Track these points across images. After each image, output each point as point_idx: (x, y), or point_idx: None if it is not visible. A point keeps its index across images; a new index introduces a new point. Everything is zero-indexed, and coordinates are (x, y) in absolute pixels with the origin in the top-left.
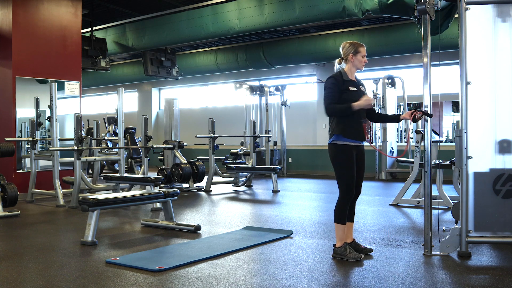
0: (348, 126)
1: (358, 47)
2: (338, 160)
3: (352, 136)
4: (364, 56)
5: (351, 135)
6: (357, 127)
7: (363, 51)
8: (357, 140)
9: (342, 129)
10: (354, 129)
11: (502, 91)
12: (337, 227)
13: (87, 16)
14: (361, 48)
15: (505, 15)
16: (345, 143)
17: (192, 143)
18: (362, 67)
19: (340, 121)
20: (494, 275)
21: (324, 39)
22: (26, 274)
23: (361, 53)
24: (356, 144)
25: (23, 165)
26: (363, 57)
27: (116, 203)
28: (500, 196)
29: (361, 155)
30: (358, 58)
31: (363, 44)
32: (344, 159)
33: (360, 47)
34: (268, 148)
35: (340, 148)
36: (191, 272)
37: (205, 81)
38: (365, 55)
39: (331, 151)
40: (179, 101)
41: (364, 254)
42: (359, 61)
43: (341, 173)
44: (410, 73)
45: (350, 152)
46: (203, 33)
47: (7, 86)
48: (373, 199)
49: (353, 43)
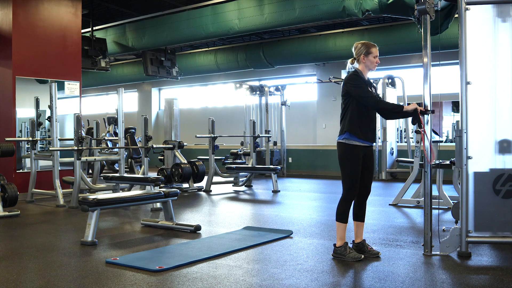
0: (362, 126)
1: (370, 48)
2: (346, 159)
3: (364, 137)
4: (376, 57)
5: (363, 136)
6: (371, 128)
7: (375, 51)
8: (367, 141)
9: (355, 129)
10: (367, 129)
11: (502, 91)
12: (338, 225)
13: (87, 16)
14: (373, 49)
15: (505, 15)
16: (354, 143)
17: (192, 143)
18: (374, 67)
19: (355, 120)
20: (494, 275)
21: (324, 39)
22: (26, 274)
23: (373, 54)
24: (365, 145)
25: (23, 165)
26: (375, 57)
27: (116, 203)
28: (500, 196)
29: (370, 156)
30: (370, 58)
31: (375, 44)
32: (351, 158)
33: (372, 47)
34: (268, 148)
35: (349, 147)
36: (191, 272)
37: (205, 81)
38: (377, 56)
39: (340, 149)
40: (179, 101)
41: (371, 256)
42: (371, 61)
43: (347, 171)
44: (410, 73)
45: (358, 152)
46: (203, 33)
47: (7, 86)
48: (373, 199)
49: (365, 43)
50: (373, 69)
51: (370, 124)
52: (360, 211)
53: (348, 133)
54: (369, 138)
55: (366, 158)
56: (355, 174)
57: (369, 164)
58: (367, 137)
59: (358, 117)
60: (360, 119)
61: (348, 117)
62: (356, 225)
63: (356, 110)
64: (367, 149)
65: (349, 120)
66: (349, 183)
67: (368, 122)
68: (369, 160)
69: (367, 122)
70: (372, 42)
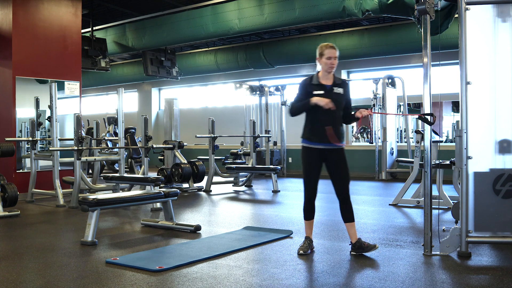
0: (311, 130)
1: (323, 50)
2: (302, 161)
3: (314, 139)
4: (330, 58)
5: (314, 139)
6: (319, 131)
7: (328, 53)
8: (322, 143)
9: (305, 132)
10: (316, 133)
11: (502, 91)
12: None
13: (87, 16)
14: (326, 50)
15: (505, 15)
16: (310, 146)
17: (192, 143)
18: (330, 69)
19: (305, 125)
20: (494, 275)
21: (324, 39)
22: (26, 274)
23: (325, 56)
24: (323, 148)
25: (23, 165)
26: (328, 59)
27: (116, 203)
28: (500, 196)
29: (335, 158)
30: (324, 60)
31: (331, 45)
32: (304, 160)
33: (325, 49)
34: (268, 148)
35: (304, 149)
36: (191, 272)
37: (205, 81)
38: (332, 57)
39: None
40: (179, 101)
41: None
42: (325, 63)
43: (303, 173)
44: (410, 73)
45: (313, 154)
46: (203, 33)
47: (7, 86)
48: (373, 199)
49: (320, 45)
50: (329, 71)
51: (319, 127)
52: (344, 213)
53: (303, 138)
54: (321, 140)
55: (329, 161)
56: (307, 175)
57: (335, 166)
58: (318, 139)
59: (307, 121)
60: (309, 122)
61: (304, 123)
62: (346, 226)
63: (306, 114)
64: (329, 151)
65: (304, 126)
66: (304, 183)
67: (316, 124)
68: (334, 163)
69: (314, 125)
70: (329, 43)
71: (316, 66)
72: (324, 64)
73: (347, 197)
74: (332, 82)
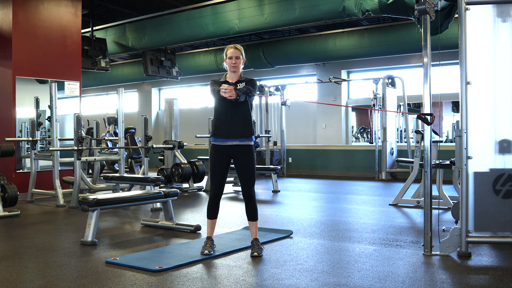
0: (216, 126)
1: (227, 50)
2: (209, 158)
3: (220, 135)
4: (231, 58)
5: (219, 135)
6: (224, 127)
7: (230, 53)
8: (226, 139)
9: (212, 130)
10: (221, 129)
11: (502, 91)
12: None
13: (87, 16)
14: (229, 51)
15: (505, 15)
16: (215, 143)
17: (192, 143)
18: (233, 68)
19: (213, 121)
20: (494, 275)
21: (324, 39)
22: (26, 274)
23: (227, 56)
24: (228, 144)
25: (23, 165)
26: (230, 59)
27: (116, 203)
28: (500, 196)
29: (241, 155)
30: (227, 61)
31: (234, 45)
32: (211, 157)
33: (227, 50)
34: (268, 148)
35: (211, 147)
36: (191, 272)
37: (205, 81)
38: (234, 57)
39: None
40: (179, 101)
41: (253, 253)
42: (228, 64)
43: (209, 170)
44: (410, 73)
45: (218, 152)
46: (203, 33)
47: (7, 86)
48: (373, 199)
49: (227, 47)
50: (233, 70)
51: (222, 123)
52: (247, 211)
53: (211, 136)
54: (225, 136)
55: (236, 158)
56: (212, 173)
57: (240, 166)
58: (222, 136)
59: (214, 118)
60: (215, 119)
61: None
62: (249, 223)
63: (214, 112)
64: (235, 148)
65: (212, 124)
66: (210, 181)
67: (221, 121)
68: (240, 162)
69: (219, 122)
70: (234, 45)
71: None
72: (228, 64)
73: (250, 198)
74: (236, 80)
